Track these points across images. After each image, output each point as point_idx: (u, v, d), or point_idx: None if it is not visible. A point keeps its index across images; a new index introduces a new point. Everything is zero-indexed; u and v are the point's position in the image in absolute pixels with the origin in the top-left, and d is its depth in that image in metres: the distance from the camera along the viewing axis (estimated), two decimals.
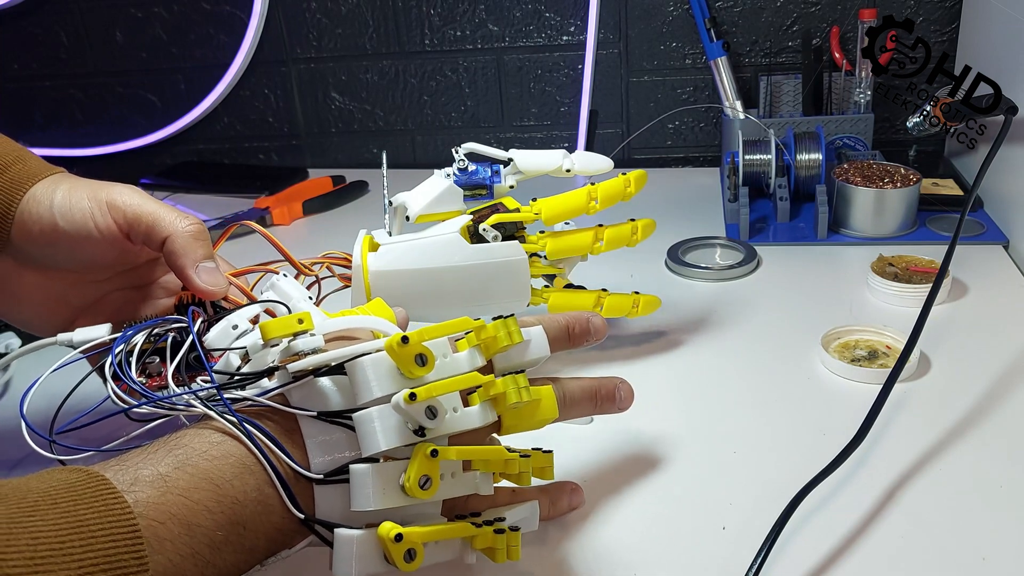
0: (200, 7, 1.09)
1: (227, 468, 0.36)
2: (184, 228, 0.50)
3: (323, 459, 0.38)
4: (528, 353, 0.44)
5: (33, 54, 1.14)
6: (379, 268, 0.58)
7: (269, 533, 0.37)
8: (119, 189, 0.51)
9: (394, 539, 0.37)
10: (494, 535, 0.40)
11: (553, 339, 0.45)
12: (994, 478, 0.48)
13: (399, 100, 1.10)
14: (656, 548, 0.45)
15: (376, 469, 0.37)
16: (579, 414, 0.46)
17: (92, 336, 0.47)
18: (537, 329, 0.45)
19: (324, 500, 0.38)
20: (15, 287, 0.52)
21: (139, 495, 0.33)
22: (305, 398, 0.39)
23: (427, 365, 0.39)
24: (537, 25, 1.03)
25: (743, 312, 0.69)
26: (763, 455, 0.51)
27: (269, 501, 0.36)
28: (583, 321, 0.48)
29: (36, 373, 0.43)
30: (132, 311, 0.54)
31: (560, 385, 0.45)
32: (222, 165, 1.16)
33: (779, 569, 0.42)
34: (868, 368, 0.58)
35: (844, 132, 0.93)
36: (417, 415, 0.38)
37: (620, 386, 0.48)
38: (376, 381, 0.38)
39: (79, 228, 0.49)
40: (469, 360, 0.41)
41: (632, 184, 0.60)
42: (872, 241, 0.78)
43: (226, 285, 0.50)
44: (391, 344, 0.38)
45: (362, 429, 0.38)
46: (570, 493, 0.47)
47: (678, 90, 1.03)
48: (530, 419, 0.43)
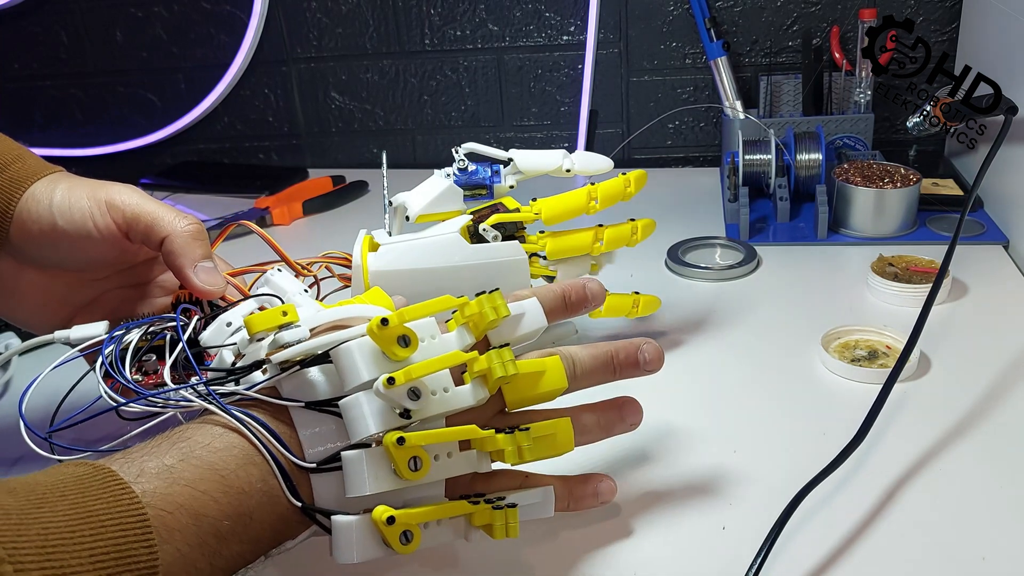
0: (200, 7, 1.09)
1: (231, 459, 0.36)
2: (183, 228, 0.50)
3: (317, 448, 0.38)
4: (522, 326, 0.43)
5: (33, 54, 1.14)
6: (379, 268, 0.58)
7: (274, 523, 0.37)
8: (118, 188, 0.51)
9: (386, 522, 0.36)
10: (492, 511, 0.40)
11: (549, 310, 0.44)
12: (994, 478, 0.48)
13: (399, 100, 1.10)
14: (656, 548, 0.45)
15: (368, 455, 0.37)
16: (594, 383, 0.44)
17: (89, 334, 0.47)
18: (531, 301, 0.44)
19: (322, 488, 0.38)
20: (14, 286, 0.52)
21: (146, 486, 0.34)
22: (295, 389, 0.39)
23: (411, 346, 0.39)
24: (537, 25, 1.03)
25: (743, 312, 0.69)
26: (763, 455, 0.51)
27: (273, 491, 0.37)
28: (579, 287, 0.46)
29: (37, 372, 0.44)
30: (130, 309, 0.54)
31: (569, 354, 0.43)
32: (222, 165, 1.16)
33: (779, 569, 0.42)
34: (868, 368, 0.58)
35: (844, 132, 0.93)
36: (400, 398, 0.37)
37: (644, 347, 0.44)
38: (362, 365, 0.38)
39: (78, 227, 0.49)
40: (458, 339, 0.41)
41: (632, 184, 0.61)
42: (872, 241, 0.78)
43: (224, 284, 0.50)
44: (372, 327, 0.38)
45: (349, 415, 0.38)
46: (597, 486, 0.45)
47: (678, 90, 1.03)
48: (534, 392, 0.42)
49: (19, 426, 0.42)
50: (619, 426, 0.45)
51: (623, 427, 0.45)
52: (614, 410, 0.45)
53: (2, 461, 0.54)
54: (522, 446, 0.40)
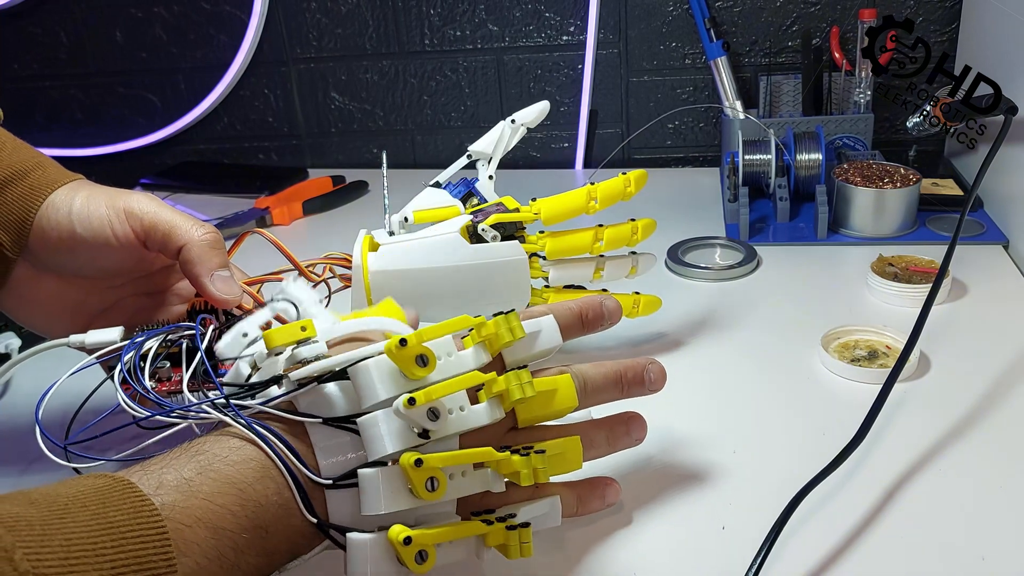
0: (200, 7, 1.09)
1: (249, 472, 0.37)
2: (200, 236, 0.50)
3: (332, 464, 0.38)
4: (538, 344, 0.43)
5: (33, 54, 1.14)
6: (379, 268, 0.58)
7: (290, 536, 0.37)
8: (136, 197, 0.51)
9: (403, 542, 0.37)
10: (506, 532, 0.40)
11: (565, 327, 0.45)
12: (994, 478, 0.48)
13: (399, 100, 1.10)
14: (656, 548, 0.45)
15: (384, 473, 0.37)
16: (602, 401, 0.45)
17: (104, 338, 0.48)
18: (548, 319, 0.44)
19: (336, 504, 0.38)
20: (32, 293, 0.52)
21: (165, 498, 0.34)
22: (312, 404, 0.39)
23: (428, 365, 0.39)
24: (537, 25, 1.03)
25: (743, 312, 0.69)
26: (763, 455, 0.51)
27: (289, 505, 0.37)
28: (595, 305, 0.47)
29: (38, 373, 0.44)
30: (146, 317, 0.54)
31: (580, 373, 0.44)
32: (222, 165, 1.16)
33: (779, 569, 0.42)
34: (868, 368, 0.58)
35: (844, 132, 0.93)
36: (419, 418, 0.38)
37: (650, 367, 0.46)
38: (379, 384, 0.38)
39: (97, 235, 0.50)
40: (474, 357, 0.41)
41: (632, 184, 0.60)
42: (872, 241, 0.78)
43: (240, 293, 0.50)
44: (390, 347, 0.38)
45: (367, 434, 0.38)
46: (603, 489, 0.45)
47: (678, 90, 1.03)
48: (546, 410, 0.42)
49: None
50: (625, 440, 0.46)
51: (629, 442, 0.47)
52: (621, 425, 0.46)
53: (17, 461, 0.54)
54: (537, 468, 0.41)
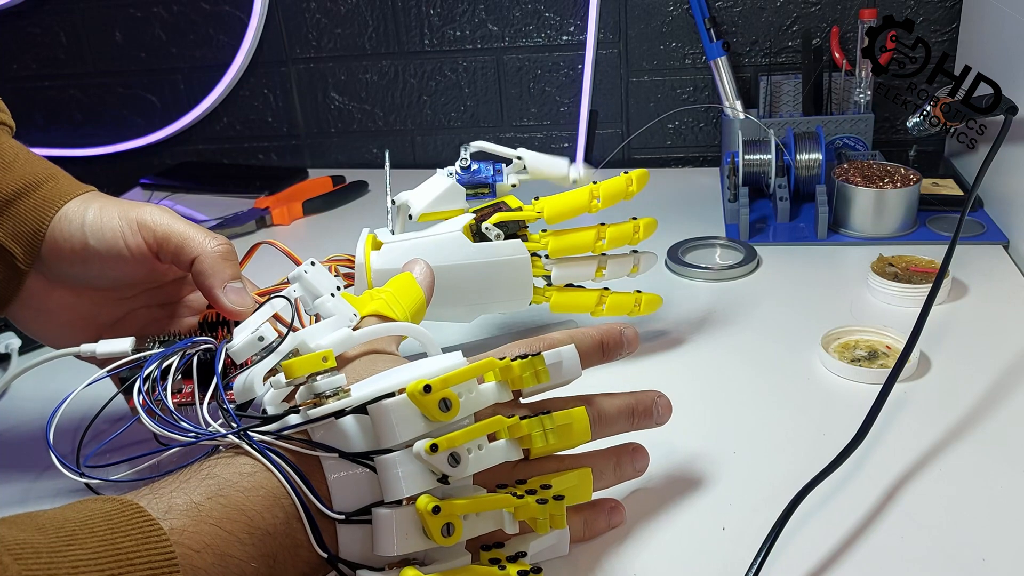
0: (200, 7, 1.09)
1: (258, 500, 0.36)
2: (212, 248, 0.50)
3: (346, 498, 0.38)
4: (558, 376, 0.43)
5: (33, 54, 1.14)
6: (382, 266, 0.58)
7: (298, 566, 0.37)
8: (149, 209, 0.51)
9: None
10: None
11: (585, 355, 0.45)
12: (994, 478, 0.48)
13: (399, 100, 1.10)
14: (656, 548, 0.45)
15: (399, 515, 0.37)
16: (613, 433, 0.46)
17: (115, 349, 0.48)
18: (569, 348, 0.44)
19: (347, 539, 0.38)
20: (44, 304, 0.52)
21: (174, 523, 0.34)
22: (328, 435, 0.39)
23: (451, 410, 0.38)
24: (537, 25, 1.03)
25: (743, 312, 0.69)
26: (763, 455, 0.51)
27: (298, 536, 0.37)
28: (615, 335, 0.47)
29: (37, 377, 0.44)
30: (157, 328, 0.54)
31: (594, 405, 0.44)
32: (222, 165, 1.16)
33: (779, 569, 0.42)
34: (868, 368, 0.58)
35: (844, 132, 0.93)
36: (440, 464, 0.37)
37: (658, 400, 0.47)
38: (399, 427, 0.38)
39: (110, 247, 0.50)
40: (496, 394, 0.41)
41: (634, 183, 0.60)
42: (872, 241, 0.78)
43: (252, 305, 0.50)
44: (413, 391, 0.37)
45: (385, 475, 0.37)
46: (608, 512, 0.46)
47: (678, 90, 1.03)
48: (560, 445, 0.42)
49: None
50: (630, 471, 0.47)
51: (633, 473, 0.47)
52: (627, 455, 0.47)
53: (23, 469, 0.54)
54: (554, 515, 0.40)
